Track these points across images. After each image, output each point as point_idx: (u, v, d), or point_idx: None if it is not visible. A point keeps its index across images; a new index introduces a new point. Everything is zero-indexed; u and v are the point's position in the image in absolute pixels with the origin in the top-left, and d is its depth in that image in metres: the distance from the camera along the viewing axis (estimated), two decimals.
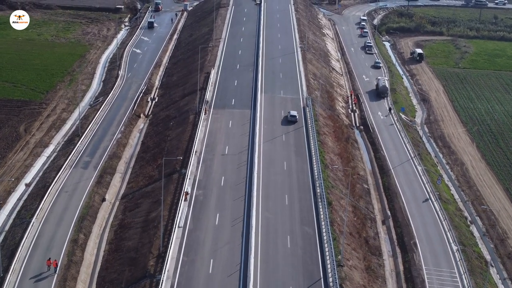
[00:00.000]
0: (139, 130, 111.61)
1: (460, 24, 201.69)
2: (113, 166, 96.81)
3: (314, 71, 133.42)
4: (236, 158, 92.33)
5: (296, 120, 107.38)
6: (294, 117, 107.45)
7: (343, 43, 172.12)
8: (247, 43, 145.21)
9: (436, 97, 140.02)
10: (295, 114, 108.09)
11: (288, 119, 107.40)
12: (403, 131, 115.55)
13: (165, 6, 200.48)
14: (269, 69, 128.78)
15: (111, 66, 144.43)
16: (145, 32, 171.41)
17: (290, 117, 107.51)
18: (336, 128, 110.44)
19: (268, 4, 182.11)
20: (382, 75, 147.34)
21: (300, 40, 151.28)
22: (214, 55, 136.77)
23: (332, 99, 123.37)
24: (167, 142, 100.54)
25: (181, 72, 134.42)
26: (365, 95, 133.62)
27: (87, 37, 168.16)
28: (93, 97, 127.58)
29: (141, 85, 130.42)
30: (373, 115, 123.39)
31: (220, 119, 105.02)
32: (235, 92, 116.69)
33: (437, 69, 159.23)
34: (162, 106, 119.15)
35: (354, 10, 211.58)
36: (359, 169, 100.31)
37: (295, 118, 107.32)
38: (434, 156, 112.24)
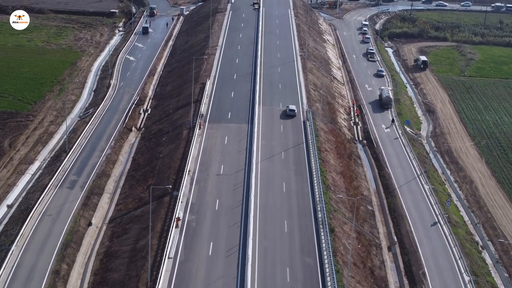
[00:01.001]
0: (130, 145, 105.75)
1: (465, 29, 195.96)
2: (101, 185, 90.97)
3: (315, 81, 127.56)
4: (232, 178, 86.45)
5: (294, 114, 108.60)
6: (293, 111, 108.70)
7: (344, 49, 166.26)
8: (244, 51, 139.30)
9: (441, 108, 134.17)
10: (293, 108, 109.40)
11: (287, 113, 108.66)
12: (408, 146, 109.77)
13: (161, 10, 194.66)
14: (268, 79, 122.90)
15: (103, 75, 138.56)
16: (139, 37, 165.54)
17: (289, 111, 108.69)
18: (338, 143, 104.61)
19: (267, 9, 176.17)
20: (385, 84, 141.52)
21: (300, 47, 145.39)
22: (210, 64, 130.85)
23: (334, 111, 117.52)
24: (159, 159, 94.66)
25: (175, 81, 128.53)
26: (367, 106, 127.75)
27: (79, 43, 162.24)
28: (83, 108, 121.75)
29: (134, 96, 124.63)
30: (376, 128, 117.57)
31: (216, 135, 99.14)
32: (231, 104, 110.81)
33: (442, 78, 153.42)
34: (155, 119, 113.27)
35: (356, 15, 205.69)
36: (362, 188, 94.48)
37: (294, 112, 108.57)
38: (441, 172, 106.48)
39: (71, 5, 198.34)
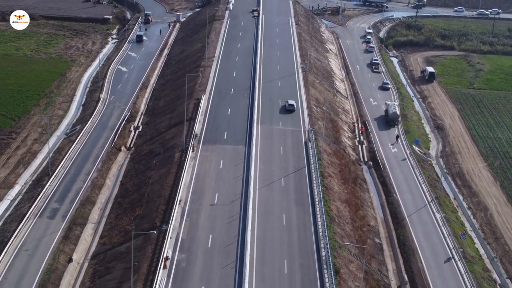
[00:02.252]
0: (119, 167, 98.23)
1: (472, 37, 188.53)
2: (84, 214, 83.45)
3: (317, 96, 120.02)
4: (227, 209, 78.89)
5: (294, 109, 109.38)
6: (292, 106, 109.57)
7: (348, 60, 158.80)
8: (243, 63, 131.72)
9: (451, 124, 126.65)
10: (293, 103, 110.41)
11: (286, 108, 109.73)
12: (417, 168, 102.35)
13: (157, 16, 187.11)
14: (267, 95, 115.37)
15: (93, 87, 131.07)
16: (133, 46, 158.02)
17: (288, 106, 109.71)
18: (342, 166, 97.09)
19: (266, 17, 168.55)
20: (391, 98, 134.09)
21: (301, 58, 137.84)
22: (206, 77, 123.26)
23: (337, 130, 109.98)
24: (148, 186, 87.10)
25: (169, 96, 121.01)
26: (373, 123, 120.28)
27: (70, 52, 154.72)
28: (70, 125, 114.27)
29: (125, 111, 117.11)
30: (382, 147, 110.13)
31: (210, 158, 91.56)
32: (228, 123, 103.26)
33: (450, 90, 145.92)
34: (146, 138, 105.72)
35: (359, 22, 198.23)
36: (369, 218, 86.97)
37: (293, 107, 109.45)
38: (453, 198, 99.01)
39: (63, 10, 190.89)
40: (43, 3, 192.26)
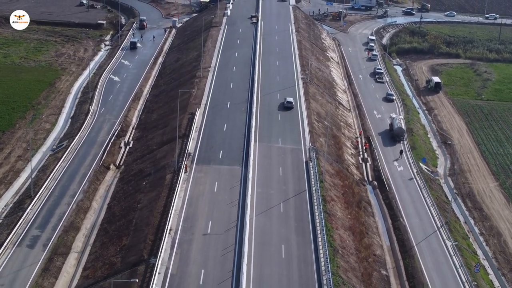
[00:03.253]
0: (107, 187, 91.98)
1: (478, 44, 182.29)
2: (67, 243, 77.21)
3: (318, 110, 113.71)
4: (221, 239, 72.57)
5: (292, 106, 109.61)
6: (290, 103, 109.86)
7: (350, 68, 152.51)
8: (240, 73, 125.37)
9: (459, 139, 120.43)
10: (291, 100, 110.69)
11: (285, 105, 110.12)
12: (425, 189, 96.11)
13: (152, 22, 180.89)
14: (266, 109, 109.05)
15: (83, 98, 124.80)
16: (126, 54, 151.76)
17: (286, 103, 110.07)
18: (345, 188, 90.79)
19: (265, 23, 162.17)
20: (396, 110, 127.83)
21: (301, 68, 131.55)
22: (201, 89, 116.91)
23: (340, 146, 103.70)
24: (136, 211, 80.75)
25: (162, 108, 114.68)
26: (377, 138, 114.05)
27: (60, 60, 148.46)
28: (57, 139, 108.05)
29: (115, 125, 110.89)
30: (388, 165, 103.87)
31: (204, 180, 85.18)
32: (223, 140, 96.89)
33: (457, 101, 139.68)
34: (137, 155, 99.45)
35: (361, 27, 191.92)
36: (375, 246, 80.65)
37: (292, 104, 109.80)
38: (463, 222, 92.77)
39: (55, 15, 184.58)
40: (34, 7, 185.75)
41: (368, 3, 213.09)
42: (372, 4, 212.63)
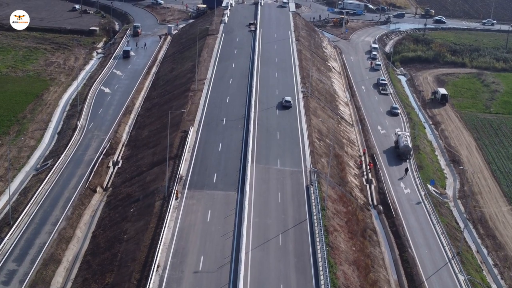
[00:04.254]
0: (92, 213, 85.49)
1: (485, 52, 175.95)
2: (46, 278, 70.72)
3: (320, 126, 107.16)
4: (214, 278, 66.03)
5: (290, 105, 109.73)
6: (289, 103, 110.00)
7: (352, 78, 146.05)
8: (237, 86, 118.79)
9: (468, 157, 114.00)
10: (289, 99, 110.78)
11: (283, 105, 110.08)
12: (434, 214, 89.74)
13: (147, 28, 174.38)
14: (264, 126, 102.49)
15: (71, 111, 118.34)
16: (119, 63, 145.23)
17: (284, 102, 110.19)
18: (349, 215, 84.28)
19: (264, 31, 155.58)
20: (401, 125, 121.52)
21: (301, 80, 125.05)
22: (195, 103, 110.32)
23: (343, 167, 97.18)
24: (122, 243, 74.17)
25: (154, 124, 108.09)
26: (382, 156, 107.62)
27: (50, 69, 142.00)
28: (41, 158, 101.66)
29: (104, 141, 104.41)
30: (394, 187, 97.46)
31: (196, 208, 78.61)
32: (218, 162, 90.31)
33: (464, 115, 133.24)
34: (125, 177, 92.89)
35: (363, 35, 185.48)
36: (381, 282, 74.13)
37: (290, 103, 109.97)
38: (476, 251, 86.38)
39: (46, 21, 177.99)
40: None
41: (356, 7, 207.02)
42: (360, 9, 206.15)
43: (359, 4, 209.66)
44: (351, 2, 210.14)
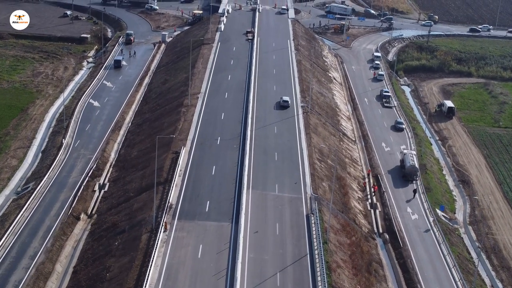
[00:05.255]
0: (75, 243, 78.98)
1: (491, 61, 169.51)
2: None
3: (320, 146, 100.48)
4: None
5: (288, 105, 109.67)
6: (287, 102, 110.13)
7: (354, 90, 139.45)
8: (233, 101, 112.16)
9: (478, 176, 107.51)
10: (287, 99, 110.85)
11: (281, 104, 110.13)
12: (444, 243, 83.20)
13: (140, 36, 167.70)
14: (261, 146, 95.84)
15: (57, 127, 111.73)
16: (109, 73, 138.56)
17: (282, 102, 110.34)
18: (353, 246, 77.69)
19: (262, 40, 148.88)
20: (406, 141, 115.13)
21: (301, 94, 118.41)
22: (188, 120, 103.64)
23: (345, 191, 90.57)
24: (104, 283, 67.56)
25: (144, 143, 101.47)
26: (386, 176, 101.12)
27: (37, 80, 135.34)
28: (23, 179, 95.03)
29: (90, 161, 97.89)
30: (400, 212, 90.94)
31: (187, 242, 71.98)
32: (211, 187, 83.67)
33: (473, 130, 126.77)
34: (112, 202, 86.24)
35: (365, 42, 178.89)
36: None
37: (288, 103, 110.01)
38: (490, 285, 79.79)
39: (36, 28, 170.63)
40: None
41: (343, 11, 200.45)
42: (347, 13, 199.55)
43: (345, 7, 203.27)
44: (338, 6, 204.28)
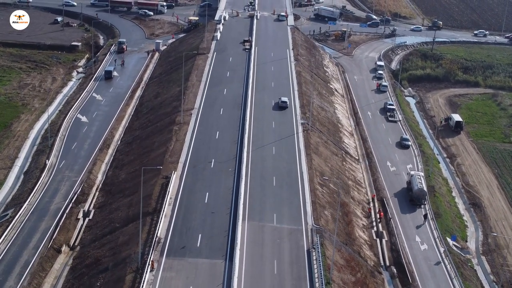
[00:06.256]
0: (54, 281, 72.46)
1: (499, 70, 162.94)
2: None
3: (322, 168, 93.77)
4: None
5: (287, 106, 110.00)
6: (285, 103, 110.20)
7: (357, 102, 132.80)
8: (228, 118, 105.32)
9: (490, 199, 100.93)
10: (286, 100, 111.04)
11: (279, 105, 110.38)
12: (456, 278, 76.52)
13: (133, 44, 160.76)
14: (258, 170, 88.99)
15: (42, 146, 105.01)
16: (100, 85, 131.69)
17: (281, 103, 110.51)
18: (358, 285, 70.95)
19: (260, 49, 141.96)
20: (413, 160, 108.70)
21: (301, 110, 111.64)
22: (180, 140, 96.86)
23: (349, 219, 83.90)
24: None
25: (133, 164, 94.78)
26: (392, 200, 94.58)
27: (23, 93, 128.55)
28: (3, 205, 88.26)
29: (75, 185, 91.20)
30: (408, 242, 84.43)
31: (175, 284, 65.21)
32: (204, 218, 76.90)
33: (482, 146, 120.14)
34: (96, 233, 79.50)
35: (367, 50, 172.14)
36: None
37: (286, 104, 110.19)
38: None
39: (25, 35, 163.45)
40: (3, 26, 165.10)
41: (330, 14, 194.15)
42: (334, 16, 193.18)
43: (332, 10, 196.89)
44: (326, 9, 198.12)
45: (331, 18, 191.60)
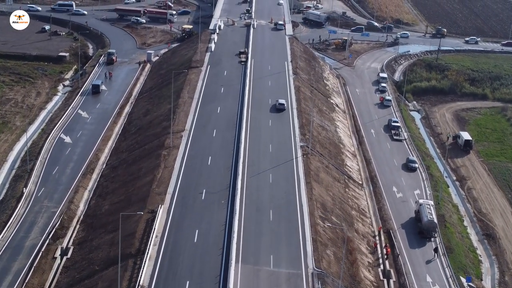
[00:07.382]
0: None
1: (508, 81, 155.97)
2: None
3: (323, 198, 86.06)
4: None
5: (284, 108, 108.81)
6: (282, 105, 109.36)
7: (359, 119, 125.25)
8: (222, 141, 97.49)
9: (505, 228, 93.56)
10: (283, 102, 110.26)
11: (276, 107, 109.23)
12: None
13: (124, 54, 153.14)
14: (253, 201, 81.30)
15: (20, 170, 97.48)
16: (86, 100, 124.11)
17: (278, 105, 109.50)
18: None
19: (256, 62, 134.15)
20: (421, 184, 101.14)
21: (300, 130, 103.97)
22: (169, 167, 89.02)
23: (354, 258, 76.18)
24: None
25: (117, 193, 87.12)
26: (400, 232, 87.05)
27: (4, 109, 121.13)
28: None
29: (54, 217, 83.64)
30: (418, 282, 77.12)
31: None
32: (193, 261, 69.18)
33: (493, 167, 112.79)
34: (74, 276, 71.77)
35: (369, 60, 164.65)
36: None
37: (283, 106, 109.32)
38: None
39: (10, 45, 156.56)
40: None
41: (316, 18, 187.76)
42: (321, 20, 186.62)
43: (319, 15, 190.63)
44: (313, 13, 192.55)
45: (317, 23, 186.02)
